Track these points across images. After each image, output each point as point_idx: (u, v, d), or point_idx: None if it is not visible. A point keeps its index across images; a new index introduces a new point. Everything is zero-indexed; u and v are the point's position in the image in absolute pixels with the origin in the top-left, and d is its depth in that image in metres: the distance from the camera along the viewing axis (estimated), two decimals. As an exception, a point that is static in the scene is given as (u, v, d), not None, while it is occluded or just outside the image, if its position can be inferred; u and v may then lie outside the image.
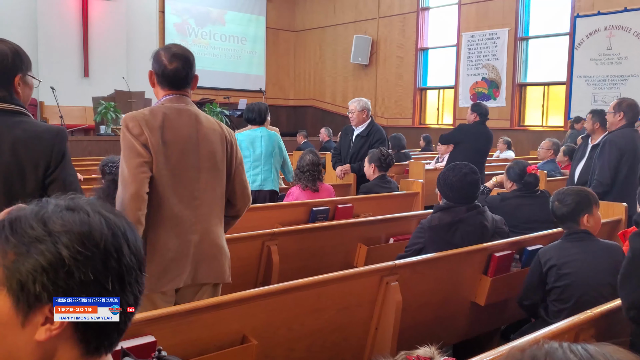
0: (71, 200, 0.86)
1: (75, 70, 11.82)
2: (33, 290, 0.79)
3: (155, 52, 2.34)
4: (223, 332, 2.02)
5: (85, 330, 0.84)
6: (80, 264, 0.80)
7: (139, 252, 0.88)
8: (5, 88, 1.91)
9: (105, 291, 0.82)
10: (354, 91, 13.95)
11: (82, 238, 0.81)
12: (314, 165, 4.38)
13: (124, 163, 2.15)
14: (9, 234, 0.81)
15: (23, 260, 0.79)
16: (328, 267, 3.47)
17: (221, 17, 14.47)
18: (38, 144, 1.90)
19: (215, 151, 2.33)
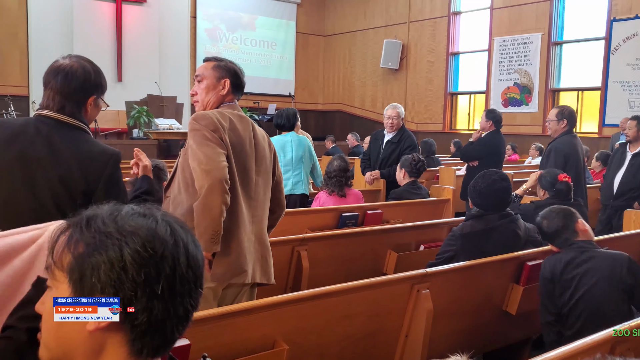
0: (146, 208, 0.91)
1: (109, 74, 12.03)
2: (89, 282, 0.85)
3: (227, 65, 2.47)
4: (255, 337, 2.04)
5: (131, 330, 0.86)
6: (136, 263, 0.84)
7: (197, 267, 0.91)
8: (78, 104, 1.97)
9: (154, 295, 0.85)
10: (383, 96, 13.92)
11: (144, 241, 0.85)
12: (341, 171, 4.39)
13: (200, 154, 2.20)
14: (84, 228, 0.87)
15: (89, 253, 0.85)
16: (357, 273, 3.47)
17: (252, 22, 14.60)
18: (90, 164, 1.95)
19: (265, 156, 2.46)
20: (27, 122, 1.96)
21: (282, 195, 2.64)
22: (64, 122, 1.96)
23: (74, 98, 1.97)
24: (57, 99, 1.95)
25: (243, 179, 2.36)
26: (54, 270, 0.89)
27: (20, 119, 2.02)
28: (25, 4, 11.47)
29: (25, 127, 1.93)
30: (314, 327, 2.24)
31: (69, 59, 2.00)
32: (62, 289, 0.88)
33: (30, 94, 11.26)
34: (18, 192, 1.89)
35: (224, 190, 2.17)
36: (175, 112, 10.71)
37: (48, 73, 1.98)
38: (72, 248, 0.87)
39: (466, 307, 2.82)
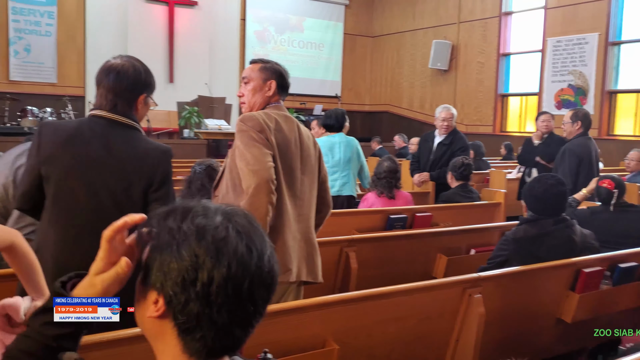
0: (215, 207, 0.92)
1: (161, 76, 12.31)
2: (151, 273, 0.89)
3: (273, 67, 2.51)
4: (305, 335, 2.06)
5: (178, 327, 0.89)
6: (192, 265, 0.86)
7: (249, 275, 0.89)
8: (129, 103, 2.03)
9: (208, 303, 0.86)
10: (431, 97, 13.76)
11: (204, 244, 0.87)
12: (391, 172, 4.36)
13: (248, 155, 2.24)
14: (160, 221, 0.91)
15: (156, 244, 0.89)
16: (405, 276, 3.44)
17: (300, 24, 14.69)
18: (144, 161, 2.01)
19: (310, 156, 2.50)
20: (81, 123, 2.03)
21: (328, 194, 2.66)
22: (117, 121, 2.01)
23: (126, 96, 2.02)
24: (109, 97, 2.01)
25: (289, 178, 2.38)
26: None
27: (74, 120, 2.09)
28: (83, 9, 11.87)
29: (80, 129, 1.99)
30: (364, 327, 2.24)
31: (120, 59, 2.06)
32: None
33: (86, 95, 11.64)
34: (78, 193, 1.95)
35: (270, 190, 2.20)
36: (224, 113, 10.88)
37: (100, 72, 2.04)
38: (158, 231, 0.91)
39: (519, 313, 2.76)
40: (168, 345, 0.90)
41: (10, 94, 10.56)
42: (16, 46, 11.29)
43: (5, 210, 2.64)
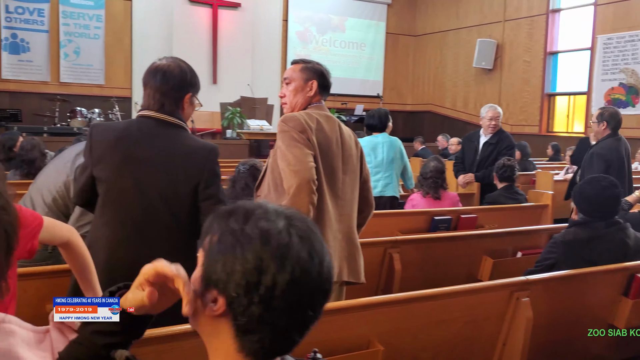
0: (279, 210, 0.93)
1: (204, 77, 12.50)
2: (213, 273, 0.89)
3: (315, 67, 2.51)
4: (350, 335, 2.05)
5: (235, 327, 0.90)
6: (255, 269, 0.87)
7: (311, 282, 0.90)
8: (175, 102, 2.07)
9: (268, 312, 0.87)
10: (475, 96, 13.54)
11: (268, 248, 0.87)
12: (437, 172, 4.31)
13: (289, 155, 2.25)
14: (223, 219, 0.92)
15: (219, 245, 0.90)
16: (450, 278, 3.40)
17: (342, 24, 14.69)
18: (192, 159, 2.04)
19: (352, 155, 2.48)
20: (130, 124, 2.07)
21: (370, 194, 2.64)
22: (164, 121, 2.05)
23: (172, 96, 2.05)
24: (156, 97, 2.05)
25: (330, 178, 2.38)
26: (201, 249, 0.94)
27: (123, 121, 2.14)
28: (130, 12, 12.17)
29: (129, 129, 2.04)
30: (410, 329, 2.22)
31: (165, 60, 2.10)
32: (199, 269, 0.94)
33: (133, 96, 11.93)
34: (128, 192, 1.99)
35: (311, 190, 2.20)
36: (266, 113, 10.98)
37: (147, 73, 2.08)
38: (211, 235, 0.92)
39: (568, 318, 2.68)
40: (223, 344, 0.91)
41: (60, 96, 10.92)
42: (66, 49, 11.67)
43: (66, 208, 2.72)
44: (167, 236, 2.02)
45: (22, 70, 11.35)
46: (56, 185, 2.69)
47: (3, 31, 11.11)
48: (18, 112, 10.21)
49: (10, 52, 11.22)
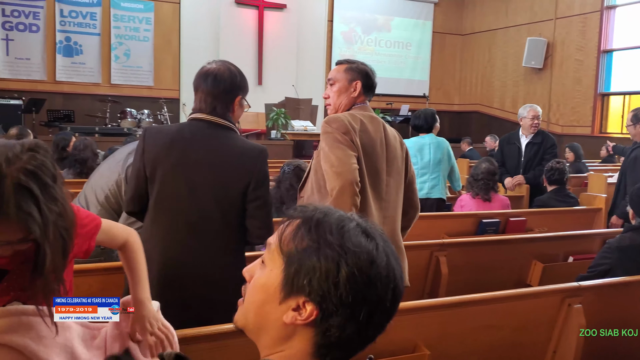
0: (369, 227, 0.95)
1: (250, 78, 12.40)
2: (301, 282, 0.89)
3: (359, 67, 2.50)
4: (396, 339, 2.03)
5: (322, 337, 0.90)
6: (348, 284, 0.87)
7: (397, 301, 0.93)
8: (226, 105, 2.09)
9: (353, 317, 0.88)
10: (525, 96, 13.21)
11: (362, 264, 0.88)
12: (489, 174, 4.24)
13: (332, 157, 2.25)
14: (312, 227, 0.92)
15: (310, 253, 0.89)
16: (498, 282, 3.32)
17: (387, 24, 14.59)
18: (243, 161, 2.06)
19: (397, 157, 2.46)
20: (182, 127, 2.10)
21: (416, 195, 2.60)
22: (216, 123, 2.07)
23: (223, 99, 2.07)
24: (208, 101, 2.07)
25: (374, 179, 2.36)
26: (276, 251, 0.94)
27: (175, 124, 2.16)
28: (178, 14, 12.42)
29: (181, 132, 2.07)
30: (456, 334, 2.18)
31: (215, 64, 2.12)
32: (275, 273, 0.93)
33: (181, 97, 12.16)
34: (182, 194, 2.03)
35: (354, 192, 2.19)
36: (310, 114, 11.01)
37: (198, 78, 2.10)
38: (296, 241, 0.92)
39: (622, 327, 2.58)
40: (294, 349, 0.92)
41: (111, 97, 11.24)
42: (117, 51, 12.00)
43: (118, 206, 2.78)
44: (218, 236, 2.05)
45: (75, 72, 11.73)
46: (109, 184, 2.76)
47: (58, 34, 11.52)
48: (71, 112, 10.56)
49: (64, 55, 11.62)
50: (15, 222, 1.11)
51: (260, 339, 0.95)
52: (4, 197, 1.09)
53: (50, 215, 1.14)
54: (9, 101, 10.61)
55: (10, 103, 10.59)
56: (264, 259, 0.96)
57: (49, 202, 1.14)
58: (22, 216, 1.10)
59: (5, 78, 11.15)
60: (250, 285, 0.97)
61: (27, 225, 1.11)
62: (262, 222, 2.08)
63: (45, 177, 1.15)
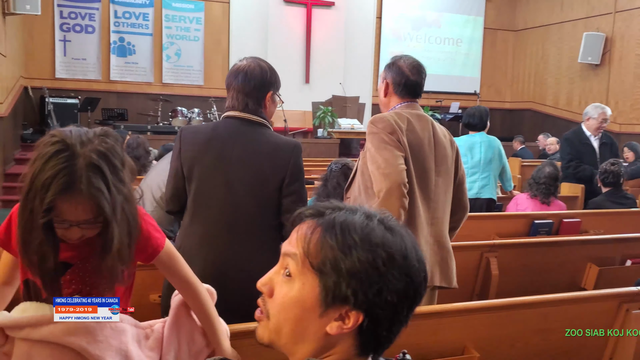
0: (389, 221, 0.93)
1: (297, 77, 12.70)
2: (344, 292, 0.87)
3: (393, 63, 2.46)
4: (444, 340, 2.00)
5: (366, 337, 0.90)
6: (390, 284, 0.86)
7: (426, 287, 0.94)
8: (258, 101, 2.10)
9: (397, 315, 0.88)
10: (580, 93, 12.79)
11: (397, 261, 0.87)
12: (552, 178, 4.14)
13: (379, 158, 2.23)
14: (338, 233, 0.88)
15: (345, 261, 0.87)
16: (551, 285, 3.23)
17: (437, 20, 14.38)
18: (278, 156, 2.07)
19: (446, 156, 2.40)
20: (217, 125, 2.12)
21: (465, 196, 2.54)
22: (249, 120, 2.08)
23: (254, 95, 2.08)
24: (240, 98, 2.09)
25: (421, 180, 2.31)
26: (304, 264, 0.90)
27: (210, 123, 2.18)
28: (228, 14, 12.59)
29: (217, 130, 2.09)
30: (507, 337, 2.12)
31: (245, 61, 2.13)
32: (309, 287, 0.89)
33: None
34: (219, 191, 2.05)
35: (402, 194, 2.15)
36: (357, 112, 10.98)
37: (229, 76, 2.12)
38: (325, 251, 0.88)
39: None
40: (337, 354, 0.91)
41: (163, 96, 11.52)
42: (168, 51, 12.28)
43: None
44: (256, 232, 2.06)
45: (128, 71, 12.07)
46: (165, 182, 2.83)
47: (112, 35, 11.88)
48: (125, 111, 10.88)
49: (118, 55, 11.97)
50: (87, 199, 1.17)
51: (297, 351, 0.92)
52: (77, 174, 1.16)
53: (118, 196, 1.21)
54: (66, 100, 11.04)
55: (67, 102, 11.02)
56: (290, 272, 0.92)
57: (117, 184, 1.22)
58: (93, 192, 1.17)
59: (63, 78, 11.58)
60: (279, 302, 0.92)
61: (98, 202, 1.18)
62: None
63: (114, 160, 1.22)
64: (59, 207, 1.17)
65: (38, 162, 1.16)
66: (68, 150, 1.17)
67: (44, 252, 1.20)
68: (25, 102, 10.94)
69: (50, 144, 1.18)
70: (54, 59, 11.51)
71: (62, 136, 1.19)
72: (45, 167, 1.15)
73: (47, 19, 11.19)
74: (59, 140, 1.18)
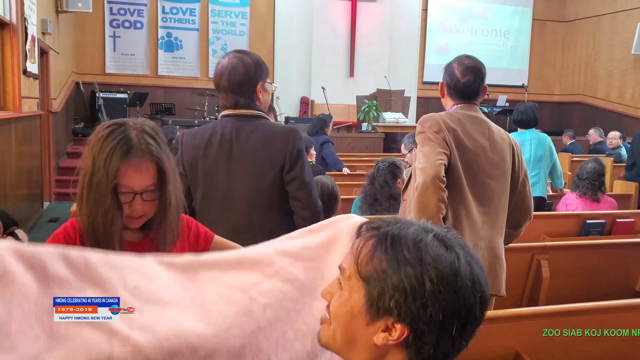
0: (447, 236, 0.92)
1: (342, 70, 12.68)
2: (387, 304, 0.88)
3: (449, 65, 2.43)
4: (495, 346, 1.97)
5: (415, 355, 0.90)
6: (436, 301, 0.86)
7: (486, 307, 0.92)
8: (249, 95, 2.12)
9: (446, 332, 0.87)
10: (634, 86, 12.33)
11: (446, 279, 0.87)
12: (595, 174, 4.01)
13: (420, 155, 2.23)
14: (389, 246, 0.90)
15: (391, 274, 0.88)
16: (603, 288, 3.15)
17: (484, 12, 14.09)
18: (274, 143, 2.07)
19: (504, 159, 2.34)
20: (215, 125, 2.15)
21: (528, 198, 2.46)
22: (243, 115, 2.11)
23: (243, 91, 2.10)
24: (229, 97, 2.11)
25: (473, 182, 2.27)
26: (353, 275, 0.93)
27: (208, 124, 2.19)
28: (273, 8, 12.65)
29: (214, 130, 2.12)
30: (560, 344, 2.08)
31: (227, 58, 2.13)
32: (357, 297, 0.92)
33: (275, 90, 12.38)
34: (224, 189, 2.08)
35: (438, 187, 2.11)
36: (402, 105, 10.87)
37: (215, 77, 2.13)
38: (375, 263, 0.90)
39: None
40: None
41: (209, 91, 11.68)
42: (214, 46, 12.44)
43: None
44: (265, 223, 2.07)
45: (175, 66, 12.30)
46: None
47: (160, 31, 12.12)
48: (172, 106, 11.09)
49: (165, 50, 12.21)
50: (148, 160, 1.32)
51: (351, 358, 0.95)
52: (135, 140, 1.31)
53: (169, 161, 1.38)
54: (116, 95, 11.34)
55: (117, 97, 11.32)
56: (342, 282, 0.95)
57: (168, 152, 1.38)
58: (153, 151, 1.33)
59: (113, 73, 11.90)
60: (334, 309, 0.96)
61: (159, 159, 1.33)
62: (304, 203, 2.07)
63: (161, 135, 1.39)
64: (123, 173, 1.30)
65: (96, 146, 1.31)
66: (122, 126, 1.33)
67: (113, 216, 1.31)
68: (76, 97, 11.29)
69: (104, 128, 1.33)
70: (104, 54, 11.84)
71: (112, 121, 1.36)
72: (104, 144, 1.30)
73: (98, 16, 11.50)
74: (111, 124, 1.34)
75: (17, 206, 5.91)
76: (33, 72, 6.59)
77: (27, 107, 6.36)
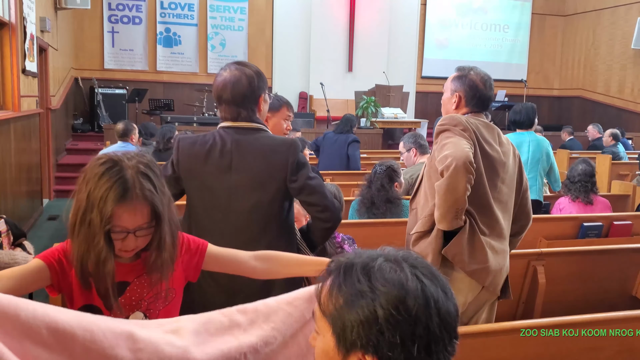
0: (398, 257, 0.94)
1: (340, 65, 12.64)
2: (350, 338, 0.90)
3: (464, 76, 2.43)
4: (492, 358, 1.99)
5: None
6: (391, 326, 0.87)
7: (449, 323, 0.91)
8: (251, 107, 2.12)
9: (411, 355, 0.88)
10: (634, 81, 12.31)
11: (397, 302, 0.88)
12: (586, 175, 4.01)
13: (446, 144, 2.22)
14: (342, 281, 0.93)
15: (348, 309, 0.90)
16: (599, 293, 3.17)
17: (484, 6, 14.03)
18: (274, 156, 2.07)
19: (510, 165, 2.40)
20: (214, 135, 2.12)
21: (529, 204, 2.53)
22: (243, 128, 2.10)
23: (246, 103, 2.09)
24: (232, 110, 2.10)
25: (492, 186, 2.31)
26: (320, 317, 0.97)
27: (207, 133, 2.17)
28: (272, 3, 12.60)
29: (215, 141, 2.10)
30: (555, 355, 2.11)
31: (229, 71, 2.11)
32: (328, 337, 0.95)
33: (273, 86, 12.37)
34: (221, 201, 2.05)
35: (468, 170, 2.10)
36: (401, 101, 10.86)
37: (216, 89, 2.11)
38: (333, 300, 0.93)
39: None
40: None
41: (208, 86, 11.66)
42: (213, 41, 12.41)
43: None
44: (264, 236, 2.06)
45: (174, 62, 12.27)
46: None
47: (158, 26, 12.09)
48: (171, 102, 11.07)
49: (164, 46, 12.18)
50: (142, 202, 1.34)
51: None
52: (130, 182, 1.33)
53: (164, 197, 1.40)
54: (115, 91, 11.33)
55: (116, 92, 11.31)
56: (316, 327, 0.99)
57: (162, 187, 1.40)
58: (147, 194, 1.34)
59: (111, 69, 11.88)
60: (316, 352, 0.99)
61: (153, 202, 1.35)
62: (321, 205, 2.06)
63: (155, 169, 1.41)
64: (117, 215, 1.32)
65: (91, 182, 1.33)
66: (117, 164, 1.34)
67: (105, 258, 1.33)
68: (75, 92, 11.28)
69: (100, 164, 1.35)
70: (103, 50, 11.82)
71: (108, 156, 1.37)
72: (99, 183, 1.31)
73: (96, 11, 11.46)
74: (106, 160, 1.36)
75: (17, 204, 5.93)
76: (32, 71, 6.58)
77: (26, 106, 6.37)
